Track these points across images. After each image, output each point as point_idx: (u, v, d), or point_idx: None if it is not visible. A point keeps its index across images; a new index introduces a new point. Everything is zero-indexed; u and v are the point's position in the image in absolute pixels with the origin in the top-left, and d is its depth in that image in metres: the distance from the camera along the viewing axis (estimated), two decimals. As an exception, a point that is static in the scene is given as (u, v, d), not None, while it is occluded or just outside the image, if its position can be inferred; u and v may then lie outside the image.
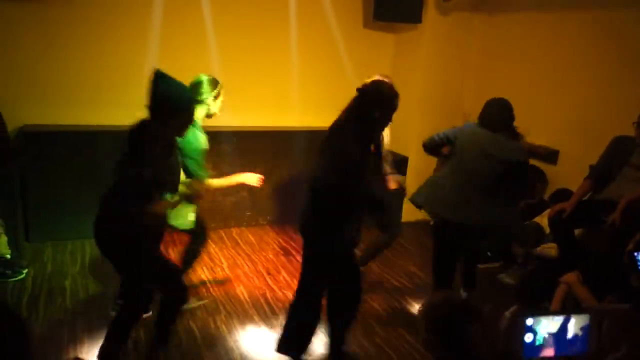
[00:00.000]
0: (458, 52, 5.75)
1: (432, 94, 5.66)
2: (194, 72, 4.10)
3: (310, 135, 5.46)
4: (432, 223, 3.93)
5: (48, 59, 4.63)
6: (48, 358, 3.13)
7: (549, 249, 4.10)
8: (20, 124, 4.57)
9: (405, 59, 5.94)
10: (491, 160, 3.47)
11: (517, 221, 3.90)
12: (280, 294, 4.17)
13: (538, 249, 4.17)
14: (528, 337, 0.79)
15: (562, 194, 4.22)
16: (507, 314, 0.74)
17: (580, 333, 0.81)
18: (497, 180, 3.48)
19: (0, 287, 3.91)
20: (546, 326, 0.80)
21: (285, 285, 4.30)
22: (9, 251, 4.04)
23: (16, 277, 4.03)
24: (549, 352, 0.83)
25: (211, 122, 4.83)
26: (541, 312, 0.81)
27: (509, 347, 0.75)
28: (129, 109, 4.86)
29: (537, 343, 0.78)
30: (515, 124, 3.62)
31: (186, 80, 4.25)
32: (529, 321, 0.79)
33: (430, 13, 5.58)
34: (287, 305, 3.95)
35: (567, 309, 0.81)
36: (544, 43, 4.94)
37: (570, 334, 0.81)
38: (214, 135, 4.70)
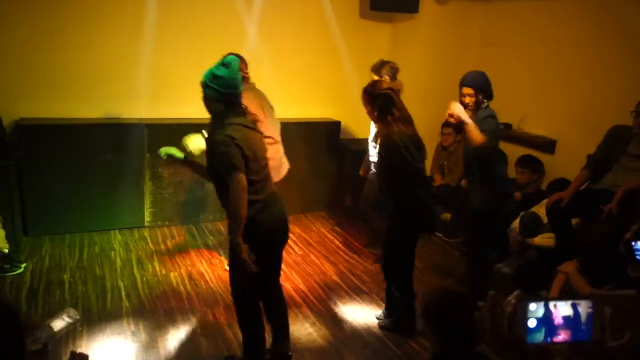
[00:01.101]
0: (456, 42, 5.73)
1: (430, 84, 5.64)
2: (188, 64, 4.09)
3: (307, 126, 5.46)
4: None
5: (44, 53, 4.59)
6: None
7: (547, 239, 4.11)
8: (16, 117, 4.55)
9: (402, 49, 5.92)
10: None
11: None
12: (279, 285, 4.16)
13: (536, 239, 4.18)
14: (531, 322, 0.80)
15: (560, 184, 4.23)
16: (511, 299, 0.74)
17: (583, 320, 0.82)
18: None
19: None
20: (552, 311, 0.81)
21: (283, 276, 4.30)
22: (7, 245, 4.03)
23: (14, 271, 4.02)
24: (556, 337, 0.83)
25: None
26: (543, 298, 0.81)
27: (513, 333, 0.75)
28: (126, 101, 4.90)
29: (542, 324, 0.79)
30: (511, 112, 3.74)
31: (183, 71, 4.26)
32: (532, 306, 0.79)
33: (427, 2, 5.56)
34: (285, 296, 3.97)
35: (570, 295, 0.81)
36: (542, 32, 4.93)
37: (575, 320, 0.81)
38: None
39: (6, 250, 4.01)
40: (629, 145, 3.79)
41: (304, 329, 3.61)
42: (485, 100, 3.74)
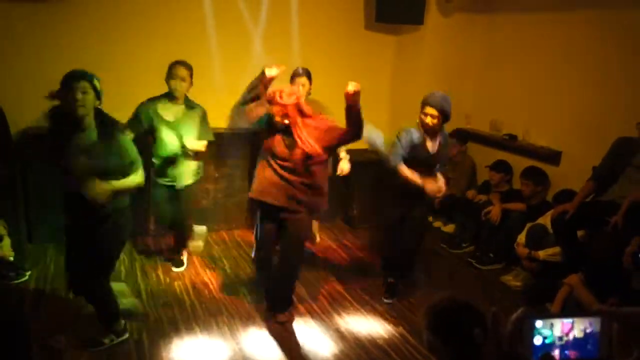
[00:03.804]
0: (460, 54, 5.74)
1: (434, 96, 5.66)
2: (196, 71, 4.14)
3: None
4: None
5: (51, 61, 4.62)
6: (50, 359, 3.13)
7: (553, 256, 4.09)
8: (23, 125, 4.58)
9: (407, 60, 5.94)
10: None
11: None
12: (282, 295, 4.16)
13: (541, 253, 4.16)
14: (537, 340, 0.79)
15: (566, 195, 4.21)
16: (514, 316, 0.73)
17: (591, 337, 0.81)
18: None
19: (4, 289, 3.91)
20: (559, 328, 0.80)
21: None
22: (12, 253, 4.04)
23: (19, 279, 4.03)
24: (556, 354, 0.82)
25: (212, 123, 4.84)
26: (550, 315, 0.80)
27: (515, 350, 0.75)
28: (132, 111, 4.91)
29: (548, 342, 0.78)
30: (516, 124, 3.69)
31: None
32: (539, 323, 0.78)
33: (432, 14, 5.58)
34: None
35: (577, 312, 0.80)
36: (547, 44, 4.94)
37: (582, 338, 0.81)
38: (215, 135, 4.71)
39: (11, 258, 4.02)
40: (635, 157, 3.79)
41: (307, 340, 3.60)
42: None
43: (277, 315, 3.73)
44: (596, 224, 3.87)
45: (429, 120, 3.73)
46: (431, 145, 3.87)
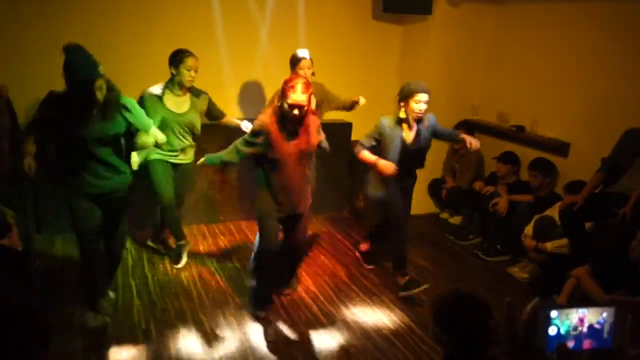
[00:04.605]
0: (468, 44, 5.70)
1: (441, 87, 5.60)
2: (202, 64, 4.13)
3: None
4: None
5: (58, 52, 4.62)
6: (58, 349, 3.15)
7: (562, 248, 4.08)
8: (30, 115, 4.58)
9: (414, 51, 5.90)
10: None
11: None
12: (289, 286, 4.17)
13: (548, 245, 4.14)
14: (552, 330, 0.78)
15: (578, 185, 4.19)
16: (529, 306, 0.73)
17: (606, 327, 0.80)
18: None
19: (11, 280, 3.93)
20: (574, 319, 0.80)
21: (294, 277, 4.30)
22: (20, 243, 4.05)
23: (27, 269, 4.04)
24: (571, 344, 0.82)
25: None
26: (565, 305, 0.80)
27: (530, 342, 0.74)
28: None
29: (563, 332, 0.78)
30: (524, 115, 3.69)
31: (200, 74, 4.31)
32: (554, 314, 0.78)
33: (440, 4, 5.53)
34: (295, 297, 3.99)
35: (592, 302, 0.79)
36: (555, 34, 4.89)
37: (597, 328, 0.80)
38: (223, 128, 4.71)
39: (19, 248, 4.03)
40: (644, 148, 3.76)
41: (313, 330, 3.61)
42: None
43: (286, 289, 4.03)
44: (604, 215, 3.85)
45: (422, 107, 3.80)
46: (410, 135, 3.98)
